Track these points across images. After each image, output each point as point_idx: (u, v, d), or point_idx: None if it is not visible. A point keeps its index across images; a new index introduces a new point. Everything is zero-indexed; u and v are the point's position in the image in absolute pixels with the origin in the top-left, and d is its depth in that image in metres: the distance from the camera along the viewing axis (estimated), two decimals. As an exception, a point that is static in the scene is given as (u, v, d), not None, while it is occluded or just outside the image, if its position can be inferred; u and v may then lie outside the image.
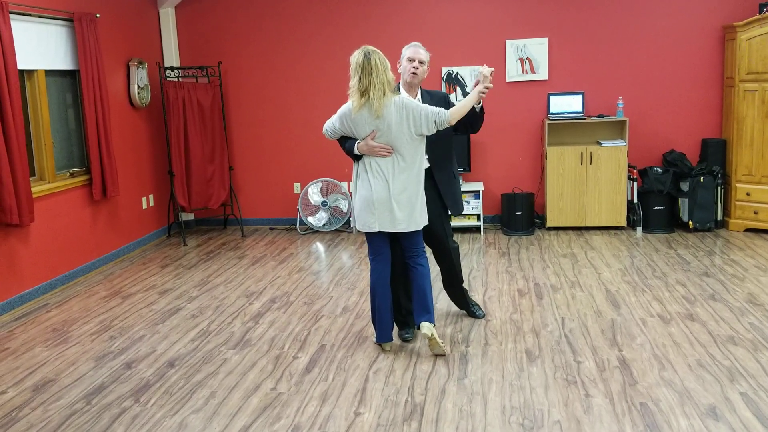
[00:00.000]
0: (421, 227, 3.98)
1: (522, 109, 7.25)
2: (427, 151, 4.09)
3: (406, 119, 3.80)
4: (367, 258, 5.19)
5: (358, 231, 4.13)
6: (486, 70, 3.90)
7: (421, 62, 4.09)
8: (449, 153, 4.28)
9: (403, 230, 3.92)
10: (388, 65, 3.82)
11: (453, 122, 3.87)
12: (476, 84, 3.96)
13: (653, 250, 6.10)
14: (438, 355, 4.00)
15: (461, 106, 3.88)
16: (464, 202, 6.88)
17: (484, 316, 4.61)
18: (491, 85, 3.93)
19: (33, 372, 4.04)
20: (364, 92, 3.77)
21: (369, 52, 3.78)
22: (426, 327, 3.91)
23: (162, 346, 4.35)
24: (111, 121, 6.44)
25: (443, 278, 4.56)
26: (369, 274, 4.51)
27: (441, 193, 4.21)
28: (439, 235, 4.31)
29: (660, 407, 3.28)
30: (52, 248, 5.67)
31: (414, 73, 4.07)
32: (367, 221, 3.94)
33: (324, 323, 4.63)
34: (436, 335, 3.90)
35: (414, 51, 4.10)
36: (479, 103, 4.01)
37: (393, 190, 3.86)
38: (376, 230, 3.94)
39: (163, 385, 3.77)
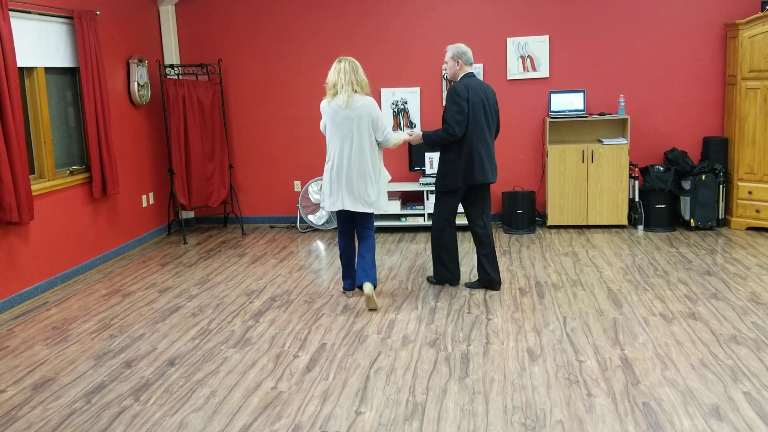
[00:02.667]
0: (372, 210, 4.79)
1: (523, 107, 7.23)
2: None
3: (373, 121, 4.73)
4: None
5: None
6: (406, 136, 5.09)
7: (445, 62, 5.04)
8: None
9: (350, 209, 4.78)
10: (359, 70, 4.75)
11: (389, 147, 4.91)
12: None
13: (655, 249, 6.09)
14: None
15: (396, 140, 4.91)
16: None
17: (472, 287, 5.17)
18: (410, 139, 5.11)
19: (32, 371, 4.03)
20: (333, 86, 4.72)
21: (342, 59, 4.75)
22: (367, 287, 4.75)
23: (162, 344, 4.33)
24: (111, 119, 6.42)
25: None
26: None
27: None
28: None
29: (663, 407, 3.27)
30: (52, 246, 5.65)
31: (444, 71, 5.14)
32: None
33: (324, 322, 4.61)
34: (373, 294, 4.72)
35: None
36: (420, 142, 5.12)
37: (352, 174, 4.73)
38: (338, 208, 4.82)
39: (163, 383, 3.76)
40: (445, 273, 5.21)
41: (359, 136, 4.68)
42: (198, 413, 3.41)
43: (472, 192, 5.07)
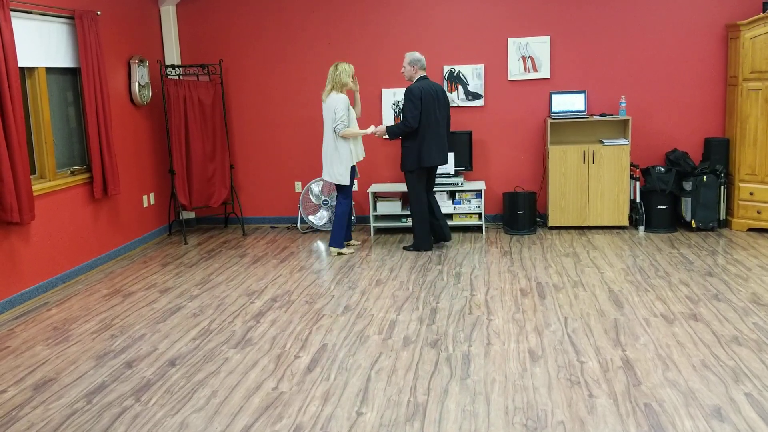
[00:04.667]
0: (332, 181, 6.14)
1: (524, 107, 7.23)
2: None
3: (331, 111, 6.00)
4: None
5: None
6: (371, 131, 6.20)
7: (403, 67, 6.11)
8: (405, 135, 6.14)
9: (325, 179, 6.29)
10: (338, 73, 5.99)
11: (341, 136, 6.03)
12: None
13: (656, 250, 6.08)
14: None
15: (351, 132, 6.04)
16: (466, 201, 6.96)
17: (408, 249, 6.33)
18: (375, 133, 6.23)
19: (33, 371, 4.02)
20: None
21: (334, 65, 6.07)
22: (333, 250, 6.38)
23: (163, 345, 4.33)
24: (112, 119, 6.42)
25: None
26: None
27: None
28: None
29: (664, 408, 3.26)
30: (53, 246, 5.65)
31: (402, 74, 6.33)
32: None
33: (325, 322, 4.61)
34: (344, 252, 6.36)
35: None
36: (384, 136, 6.23)
37: (323, 152, 6.19)
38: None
39: (164, 384, 3.76)
40: (423, 240, 6.31)
41: (327, 125, 6.08)
42: (199, 414, 3.40)
43: (427, 171, 6.26)
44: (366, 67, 7.35)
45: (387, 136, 6.16)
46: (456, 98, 7.27)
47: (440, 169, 7.03)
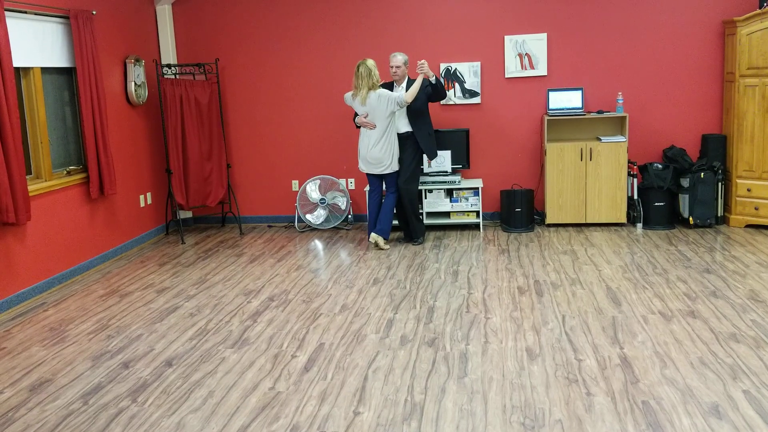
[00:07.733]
0: (390, 171, 6.29)
1: (521, 105, 7.22)
2: (411, 121, 6.31)
3: (385, 103, 6.09)
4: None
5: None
6: (422, 63, 6.10)
7: (397, 66, 6.24)
8: (425, 121, 6.34)
9: (380, 173, 6.32)
10: (373, 72, 6.08)
11: (409, 101, 6.09)
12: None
13: (654, 247, 6.08)
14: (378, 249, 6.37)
15: (412, 91, 6.10)
16: (464, 199, 6.94)
17: (420, 243, 6.53)
18: (424, 67, 6.08)
19: (29, 372, 4.01)
20: (355, 87, 6.20)
21: (359, 64, 6.12)
22: (373, 236, 6.36)
23: (160, 345, 4.32)
24: (108, 119, 6.40)
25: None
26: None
27: (420, 146, 6.35)
28: (401, 173, 6.41)
29: (662, 406, 3.26)
30: (49, 247, 5.63)
31: (394, 74, 6.30)
32: (362, 167, 6.40)
33: (323, 321, 4.60)
34: (380, 243, 6.34)
35: (392, 60, 6.28)
36: (433, 77, 6.12)
37: (374, 147, 6.22)
38: (365, 172, 6.41)
39: (160, 384, 3.74)
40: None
41: (379, 122, 6.15)
42: (196, 414, 3.39)
43: None
44: (363, 66, 7.32)
45: (433, 80, 6.12)
46: (453, 96, 7.25)
47: (438, 167, 7.02)
